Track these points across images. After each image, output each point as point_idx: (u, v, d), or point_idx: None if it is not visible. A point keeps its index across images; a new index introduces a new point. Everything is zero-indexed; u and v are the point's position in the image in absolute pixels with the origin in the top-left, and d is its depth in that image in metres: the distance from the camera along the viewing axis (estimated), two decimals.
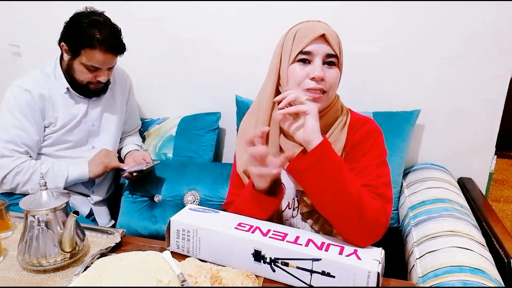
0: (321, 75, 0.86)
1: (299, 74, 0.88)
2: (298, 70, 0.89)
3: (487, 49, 1.39)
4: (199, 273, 0.81)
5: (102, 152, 1.41)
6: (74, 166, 1.37)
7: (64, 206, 0.89)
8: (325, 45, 0.88)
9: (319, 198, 0.84)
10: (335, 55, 0.89)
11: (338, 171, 0.81)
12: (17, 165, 1.30)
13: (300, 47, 0.88)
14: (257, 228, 0.87)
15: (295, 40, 0.89)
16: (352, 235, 0.83)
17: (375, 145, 0.92)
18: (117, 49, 1.31)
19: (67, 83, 1.37)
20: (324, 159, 0.81)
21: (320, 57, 0.88)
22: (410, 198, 1.31)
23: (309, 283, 0.80)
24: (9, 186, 1.33)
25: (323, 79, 0.87)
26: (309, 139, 0.82)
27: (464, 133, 1.49)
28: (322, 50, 0.88)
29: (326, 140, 0.83)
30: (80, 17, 1.28)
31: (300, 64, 0.89)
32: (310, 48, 0.88)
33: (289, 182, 0.96)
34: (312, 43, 0.87)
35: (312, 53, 0.88)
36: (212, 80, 1.70)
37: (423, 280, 0.91)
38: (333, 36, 0.89)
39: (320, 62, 0.88)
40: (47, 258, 0.86)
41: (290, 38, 0.90)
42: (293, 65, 0.89)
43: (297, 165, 0.84)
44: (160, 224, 1.40)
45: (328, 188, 0.81)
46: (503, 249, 0.99)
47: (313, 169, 0.81)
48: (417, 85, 1.49)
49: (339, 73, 0.91)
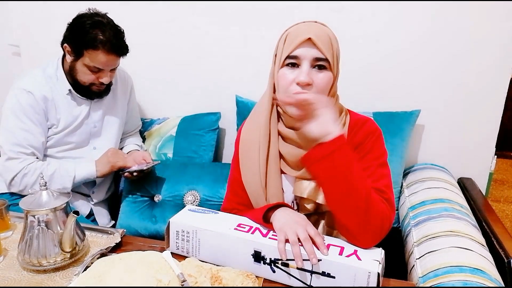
0: (305, 81, 0.84)
1: (287, 78, 0.87)
2: (286, 74, 0.87)
3: (487, 49, 1.39)
4: (199, 273, 0.81)
5: (109, 152, 1.41)
6: (81, 166, 1.37)
7: (64, 206, 0.90)
8: (313, 49, 0.85)
9: (329, 190, 0.85)
10: (324, 58, 0.85)
11: (350, 166, 0.82)
12: (24, 167, 1.30)
13: (288, 51, 0.86)
14: (256, 229, 0.87)
15: (285, 44, 0.88)
16: (355, 233, 0.82)
17: (375, 146, 0.92)
18: (120, 50, 1.31)
19: (69, 85, 1.37)
20: (339, 151, 0.81)
21: (308, 61, 0.85)
22: (410, 198, 1.31)
23: (309, 283, 0.80)
24: (18, 188, 1.32)
25: (309, 84, 0.85)
26: (326, 131, 0.82)
27: (464, 133, 1.49)
28: (309, 54, 0.85)
29: (342, 135, 0.83)
30: (83, 18, 1.28)
31: (289, 68, 0.87)
32: (297, 53, 0.85)
33: (289, 186, 0.96)
34: (299, 47, 0.85)
35: (300, 57, 0.86)
36: (212, 80, 1.70)
37: (423, 280, 0.91)
38: (322, 39, 0.85)
39: (307, 66, 0.85)
40: (47, 258, 0.86)
41: (282, 42, 0.89)
42: (283, 69, 0.88)
43: (311, 155, 0.84)
44: (160, 224, 1.40)
45: (339, 181, 0.82)
46: (503, 249, 0.99)
47: (327, 160, 0.82)
48: (417, 85, 1.49)
49: (331, 76, 0.88)
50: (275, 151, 0.95)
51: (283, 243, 0.80)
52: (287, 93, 0.87)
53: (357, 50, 1.48)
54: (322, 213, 0.95)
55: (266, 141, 0.94)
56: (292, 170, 0.94)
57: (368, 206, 0.81)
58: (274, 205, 0.90)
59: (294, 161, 0.93)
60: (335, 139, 0.82)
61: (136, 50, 1.37)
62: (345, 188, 0.81)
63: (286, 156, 0.94)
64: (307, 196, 0.91)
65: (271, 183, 0.95)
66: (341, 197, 0.82)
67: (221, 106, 1.68)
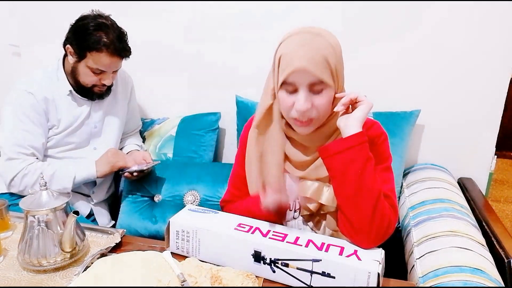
0: (303, 109, 0.83)
1: (286, 102, 0.86)
2: (285, 98, 0.86)
3: (487, 49, 1.39)
4: (199, 273, 0.81)
5: (109, 152, 1.41)
6: (81, 166, 1.37)
7: (64, 206, 0.90)
8: (308, 75, 0.81)
9: (341, 184, 0.85)
10: (321, 81, 0.82)
11: (365, 164, 0.82)
12: (24, 167, 1.29)
13: (283, 77, 0.83)
14: (257, 229, 0.87)
15: (280, 67, 0.85)
16: (359, 231, 0.82)
17: (381, 150, 0.92)
18: (123, 53, 1.32)
19: (70, 85, 1.37)
20: (358, 148, 0.82)
21: (304, 86, 0.83)
22: (410, 198, 1.31)
23: (309, 283, 0.80)
24: (18, 189, 1.32)
25: (307, 110, 0.84)
26: (350, 126, 0.83)
27: (464, 133, 1.49)
28: (304, 80, 0.82)
29: (364, 132, 0.83)
30: (87, 20, 1.28)
31: (286, 93, 0.86)
32: (291, 80, 0.83)
33: (292, 185, 0.96)
34: (293, 74, 0.82)
35: (295, 84, 0.83)
36: (212, 80, 1.70)
37: (423, 280, 0.91)
38: (317, 61, 0.81)
39: (304, 92, 0.83)
40: (47, 258, 0.86)
41: (276, 63, 0.87)
42: (280, 91, 0.87)
43: (330, 147, 0.85)
44: (160, 224, 1.40)
45: (352, 177, 0.82)
46: (503, 249, 0.99)
47: (344, 154, 0.82)
48: (417, 85, 1.49)
49: (331, 94, 0.85)
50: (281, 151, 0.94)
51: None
52: (289, 116, 0.87)
53: (357, 50, 1.47)
54: (324, 214, 0.95)
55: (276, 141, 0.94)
56: (296, 170, 0.94)
57: (377, 207, 0.81)
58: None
59: (298, 161, 0.93)
60: (356, 136, 0.82)
61: (137, 50, 1.38)
62: (357, 185, 0.82)
63: (291, 157, 0.94)
64: (311, 196, 0.92)
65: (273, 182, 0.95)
66: (351, 193, 0.83)
67: (221, 106, 1.68)
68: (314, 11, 1.49)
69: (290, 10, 1.52)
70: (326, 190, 0.91)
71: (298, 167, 0.94)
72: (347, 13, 1.47)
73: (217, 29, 1.63)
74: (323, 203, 0.91)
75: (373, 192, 0.82)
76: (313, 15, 1.50)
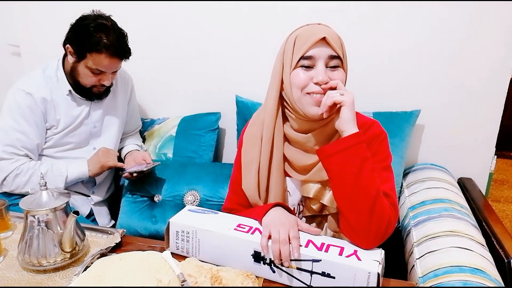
0: (324, 79, 0.85)
1: (302, 78, 0.87)
2: (301, 74, 0.87)
3: (487, 50, 1.39)
4: (199, 273, 0.81)
5: (100, 151, 1.40)
6: (73, 165, 1.37)
7: (64, 206, 0.90)
8: (327, 47, 0.85)
9: (339, 185, 0.85)
10: (338, 56, 0.86)
11: (362, 165, 0.82)
12: (16, 167, 1.30)
13: (301, 53, 0.86)
14: (256, 229, 0.87)
15: (295, 46, 0.88)
16: (359, 232, 0.82)
17: (380, 149, 0.92)
18: (123, 54, 1.31)
19: (69, 86, 1.37)
20: (354, 148, 0.82)
21: (323, 60, 0.86)
22: (410, 198, 1.31)
23: (309, 283, 0.80)
24: (9, 188, 1.32)
25: (327, 83, 0.86)
26: (343, 129, 0.84)
27: (464, 133, 1.49)
28: (324, 53, 0.85)
29: (360, 132, 0.83)
30: (87, 21, 1.28)
31: (303, 69, 0.87)
32: (311, 53, 0.86)
33: (295, 189, 0.97)
34: (313, 47, 0.85)
35: (314, 57, 0.86)
36: (212, 80, 1.70)
37: (423, 280, 0.91)
38: (334, 38, 0.87)
39: (322, 65, 0.86)
40: (47, 258, 0.86)
41: (290, 44, 0.89)
42: (296, 70, 0.88)
43: (327, 148, 0.85)
44: (160, 224, 1.40)
45: (350, 177, 0.82)
46: (503, 249, 0.99)
47: (341, 155, 0.82)
48: (417, 85, 1.49)
49: (344, 74, 0.89)
50: (279, 154, 0.95)
51: (266, 239, 0.82)
52: (304, 92, 0.87)
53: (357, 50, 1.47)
54: (326, 215, 0.95)
55: (269, 144, 0.94)
56: (298, 174, 0.95)
57: (376, 207, 0.81)
58: (274, 204, 0.90)
59: (300, 166, 0.93)
60: (353, 136, 0.82)
61: (137, 50, 1.37)
62: (354, 185, 0.82)
63: (292, 160, 0.94)
64: (313, 196, 0.92)
65: (274, 186, 0.95)
66: (349, 193, 0.83)
67: (221, 106, 1.68)
68: (314, 11, 1.49)
69: (290, 10, 1.52)
70: (329, 191, 0.91)
71: (300, 171, 0.95)
72: (347, 13, 1.47)
73: (217, 29, 1.63)
74: (325, 203, 0.92)
75: (370, 192, 0.81)
76: (313, 15, 1.50)
